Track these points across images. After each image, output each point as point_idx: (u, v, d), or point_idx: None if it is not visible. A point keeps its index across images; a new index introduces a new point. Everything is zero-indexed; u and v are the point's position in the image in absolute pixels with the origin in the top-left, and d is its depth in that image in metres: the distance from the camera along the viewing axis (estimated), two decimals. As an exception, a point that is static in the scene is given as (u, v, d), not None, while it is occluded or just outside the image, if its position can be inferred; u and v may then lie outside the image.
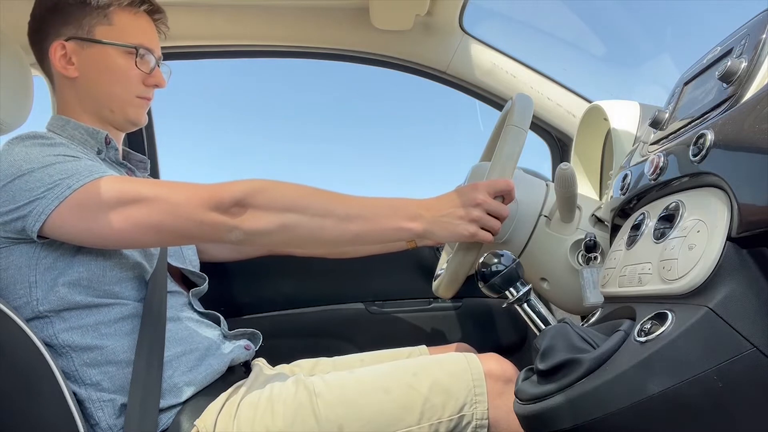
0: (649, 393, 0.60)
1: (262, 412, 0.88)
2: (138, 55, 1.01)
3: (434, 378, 0.88)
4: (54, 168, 0.86)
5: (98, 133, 1.01)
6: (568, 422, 0.64)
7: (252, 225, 0.85)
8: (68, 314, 0.90)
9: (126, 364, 0.90)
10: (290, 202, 0.87)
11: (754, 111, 0.61)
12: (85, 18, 0.98)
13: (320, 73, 1.74)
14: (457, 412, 0.86)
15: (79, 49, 0.99)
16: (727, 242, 0.61)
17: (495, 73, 1.61)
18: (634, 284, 0.74)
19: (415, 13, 1.49)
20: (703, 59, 0.86)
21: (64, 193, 0.83)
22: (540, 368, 0.69)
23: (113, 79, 1.01)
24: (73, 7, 0.98)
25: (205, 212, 0.84)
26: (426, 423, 0.86)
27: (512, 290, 0.87)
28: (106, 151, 1.02)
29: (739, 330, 0.59)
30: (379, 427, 0.86)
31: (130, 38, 1.01)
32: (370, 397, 0.88)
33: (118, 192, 0.85)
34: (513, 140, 0.93)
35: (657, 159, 0.78)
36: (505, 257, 0.87)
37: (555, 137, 1.67)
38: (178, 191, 0.86)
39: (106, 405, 0.88)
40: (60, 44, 0.98)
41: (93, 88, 1.01)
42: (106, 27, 0.99)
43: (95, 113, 1.02)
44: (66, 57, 0.99)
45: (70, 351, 0.90)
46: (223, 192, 0.85)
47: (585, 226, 1.06)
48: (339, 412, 0.86)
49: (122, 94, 1.02)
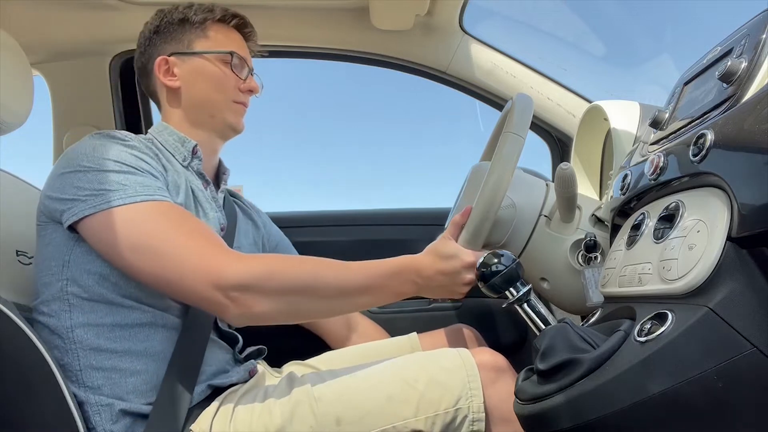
0: (649, 393, 0.60)
1: (259, 413, 0.88)
2: (232, 61, 1.09)
3: (429, 374, 0.89)
4: (106, 176, 0.88)
5: (188, 141, 1.07)
6: (568, 422, 0.64)
7: (257, 310, 0.85)
8: (90, 306, 0.91)
9: (130, 373, 0.90)
10: (299, 286, 0.87)
11: (754, 111, 0.61)
12: (185, 35, 1.09)
13: (320, 73, 1.74)
14: (452, 405, 0.87)
15: (180, 62, 1.08)
16: (727, 242, 0.61)
17: (495, 73, 1.61)
18: (634, 284, 0.74)
19: (415, 13, 1.49)
20: (703, 59, 0.86)
21: (101, 206, 0.86)
22: (540, 368, 0.69)
23: (211, 85, 1.09)
24: (175, 26, 1.09)
25: (208, 289, 0.84)
26: (422, 416, 0.86)
27: (512, 290, 0.87)
28: (191, 160, 1.07)
29: (739, 330, 0.59)
30: (376, 421, 0.86)
31: (224, 47, 1.10)
32: (367, 392, 0.89)
33: (141, 231, 0.85)
34: (510, 147, 0.93)
35: (657, 159, 0.78)
36: (505, 257, 0.87)
37: (555, 137, 1.67)
38: (192, 255, 0.85)
39: (104, 410, 0.88)
40: (163, 59, 1.08)
41: (193, 96, 1.09)
42: (203, 40, 1.09)
43: (195, 120, 1.09)
44: (169, 70, 1.08)
45: (78, 349, 0.90)
46: (230, 273, 0.84)
47: (585, 226, 1.06)
48: (336, 408, 0.87)
49: (220, 99, 1.10)
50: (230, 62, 1.09)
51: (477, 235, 0.94)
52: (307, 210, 1.70)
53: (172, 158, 1.04)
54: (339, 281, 0.89)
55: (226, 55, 1.09)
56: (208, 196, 1.08)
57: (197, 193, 1.04)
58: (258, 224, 1.25)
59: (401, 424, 0.86)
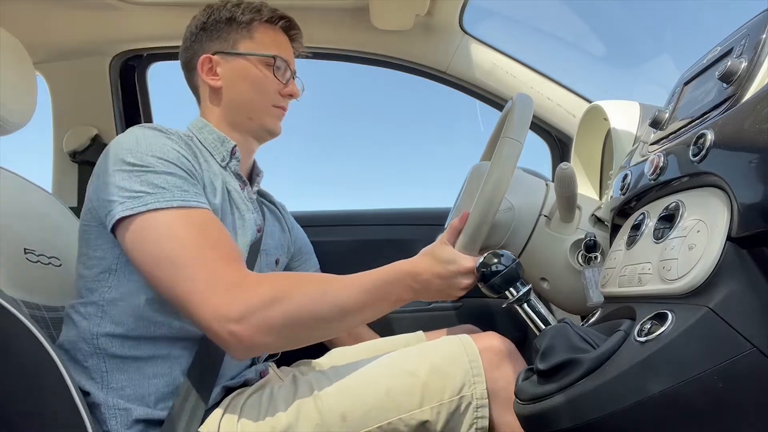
0: (649, 393, 0.60)
1: (266, 413, 0.88)
2: (275, 65, 1.09)
3: (431, 363, 0.89)
4: (146, 176, 0.87)
5: (228, 141, 1.07)
6: (568, 422, 0.64)
7: (259, 341, 0.84)
8: (121, 317, 0.91)
9: (153, 375, 0.91)
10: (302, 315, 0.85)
11: (754, 111, 0.61)
12: (230, 34, 1.09)
13: (320, 73, 1.74)
14: (456, 393, 0.87)
15: (224, 61, 1.08)
16: (727, 242, 0.61)
17: (495, 73, 1.61)
18: (634, 284, 0.74)
19: (415, 13, 1.49)
20: (703, 59, 0.86)
21: (138, 208, 0.85)
22: (540, 368, 0.69)
23: (252, 87, 1.09)
24: (221, 24, 1.09)
25: (213, 319, 0.82)
26: (427, 406, 0.86)
27: (512, 290, 0.87)
28: (230, 160, 1.07)
29: (739, 330, 0.59)
30: (380, 414, 0.86)
31: (268, 50, 1.10)
32: (370, 386, 0.89)
33: (168, 239, 0.84)
34: (507, 152, 0.92)
35: (657, 159, 0.78)
36: (505, 257, 0.87)
37: (555, 137, 1.67)
38: (205, 281, 0.83)
39: (121, 413, 0.88)
40: (207, 57, 1.08)
41: (234, 97, 1.09)
42: (248, 41, 1.09)
43: (234, 121, 1.09)
44: (212, 69, 1.08)
45: (103, 354, 0.90)
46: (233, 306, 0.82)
47: (585, 226, 1.06)
48: (341, 403, 0.87)
49: (260, 102, 1.10)
50: (273, 66, 1.09)
51: (474, 240, 0.93)
52: (305, 210, 1.70)
53: (209, 157, 1.04)
54: (340, 300, 0.87)
55: (269, 59, 1.09)
56: (245, 197, 1.08)
57: (234, 194, 1.04)
58: (285, 227, 1.25)
59: (407, 416, 0.86)
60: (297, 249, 1.29)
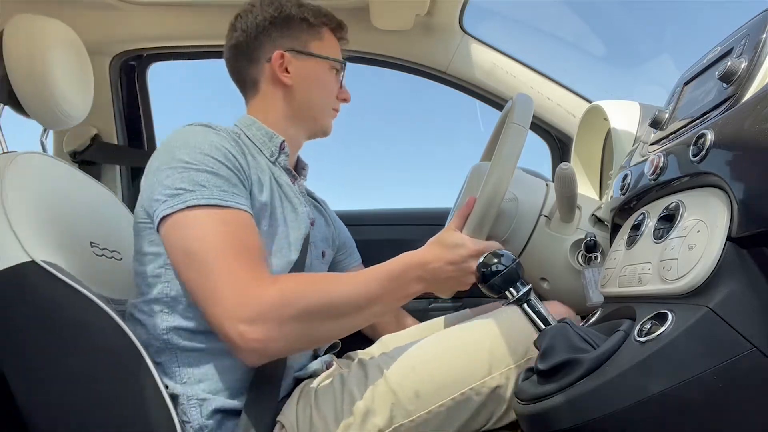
0: (649, 393, 0.60)
1: (341, 399, 0.89)
2: (341, 70, 1.15)
3: (493, 331, 0.90)
4: (189, 174, 0.88)
5: (276, 137, 1.08)
6: (568, 422, 0.64)
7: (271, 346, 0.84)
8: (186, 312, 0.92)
9: (225, 369, 0.92)
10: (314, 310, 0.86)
11: (754, 111, 0.61)
12: (302, 33, 1.11)
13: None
14: (522, 356, 0.88)
15: (295, 60, 1.10)
16: (727, 242, 0.61)
17: (495, 73, 1.61)
18: (634, 284, 0.74)
19: (415, 13, 1.49)
20: (703, 59, 0.86)
21: (177, 206, 0.86)
22: (540, 368, 0.69)
23: (321, 89, 1.12)
24: (295, 22, 1.10)
25: (224, 319, 0.82)
26: (496, 373, 0.87)
27: (512, 290, 0.87)
28: (278, 155, 1.08)
29: (739, 330, 0.59)
30: (453, 387, 0.87)
31: (335, 55, 1.14)
32: (437, 360, 0.90)
33: (200, 236, 0.85)
34: (514, 138, 0.93)
35: (657, 159, 0.78)
36: (505, 257, 0.87)
37: (555, 137, 1.67)
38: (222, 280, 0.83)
39: (200, 404, 0.90)
40: (281, 54, 1.09)
41: (302, 96, 1.11)
42: (318, 43, 1.12)
43: (295, 118, 1.11)
44: (283, 66, 1.09)
45: (175, 349, 0.92)
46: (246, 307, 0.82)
47: (585, 226, 1.06)
48: (413, 381, 0.88)
49: (324, 104, 1.14)
50: (339, 70, 1.14)
51: (482, 224, 0.93)
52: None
53: (257, 153, 1.05)
54: (351, 296, 0.87)
55: (337, 63, 1.13)
56: (296, 191, 1.09)
57: (285, 188, 1.06)
58: (328, 220, 1.26)
59: (478, 384, 0.87)
60: (341, 243, 1.30)
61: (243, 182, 0.94)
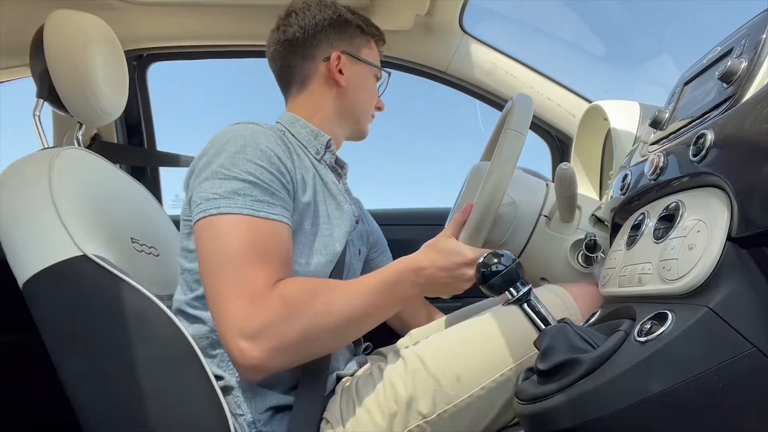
0: (649, 393, 0.60)
1: (383, 390, 0.90)
2: (386, 80, 1.21)
3: None
4: (226, 181, 0.89)
5: (322, 135, 1.10)
6: (568, 422, 0.64)
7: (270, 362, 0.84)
8: None
9: None
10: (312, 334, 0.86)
11: (754, 111, 0.61)
12: (356, 39, 1.15)
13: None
14: None
15: (349, 63, 1.13)
16: (727, 242, 0.61)
17: (495, 73, 1.61)
18: (634, 284, 0.75)
19: (415, 13, 1.49)
20: (703, 59, 0.86)
21: (209, 211, 0.88)
22: (540, 368, 0.69)
23: (366, 95, 1.17)
24: (351, 27, 1.15)
25: (232, 338, 0.82)
26: (535, 352, 0.86)
27: (512, 290, 0.87)
28: (324, 153, 1.10)
29: (739, 330, 0.59)
30: (493, 368, 0.88)
31: (378, 63, 1.19)
32: (474, 345, 0.90)
33: (224, 243, 0.86)
34: (511, 144, 0.93)
35: (657, 159, 0.78)
36: (505, 257, 0.87)
37: (555, 137, 1.67)
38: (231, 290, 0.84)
39: (255, 398, 0.91)
40: (338, 54, 1.11)
41: (352, 98, 1.14)
42: (368, 50, 1.18)
43: (342, 119, 1.15)
44: (339, 67, 1.12)
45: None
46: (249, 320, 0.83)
47: (585, 226, 1.06)
48: (453, 366, 0.88)
49: (367, 110, 1.18)
50: (384, 80, 1.20)
51: (478, 231, 0.94)
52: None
53: (302, 151, 1.06)
54: (352, 309, 0.88)
55: (381, 72, 1.19)
56: (342, 189, 1.10)
57: (330, 186, 1.06)
58: (363, 218, 1.26)
59: (516, 365, 0.88)
60: (374, 241, 1.30)
61: (286, 186, 0.94)
